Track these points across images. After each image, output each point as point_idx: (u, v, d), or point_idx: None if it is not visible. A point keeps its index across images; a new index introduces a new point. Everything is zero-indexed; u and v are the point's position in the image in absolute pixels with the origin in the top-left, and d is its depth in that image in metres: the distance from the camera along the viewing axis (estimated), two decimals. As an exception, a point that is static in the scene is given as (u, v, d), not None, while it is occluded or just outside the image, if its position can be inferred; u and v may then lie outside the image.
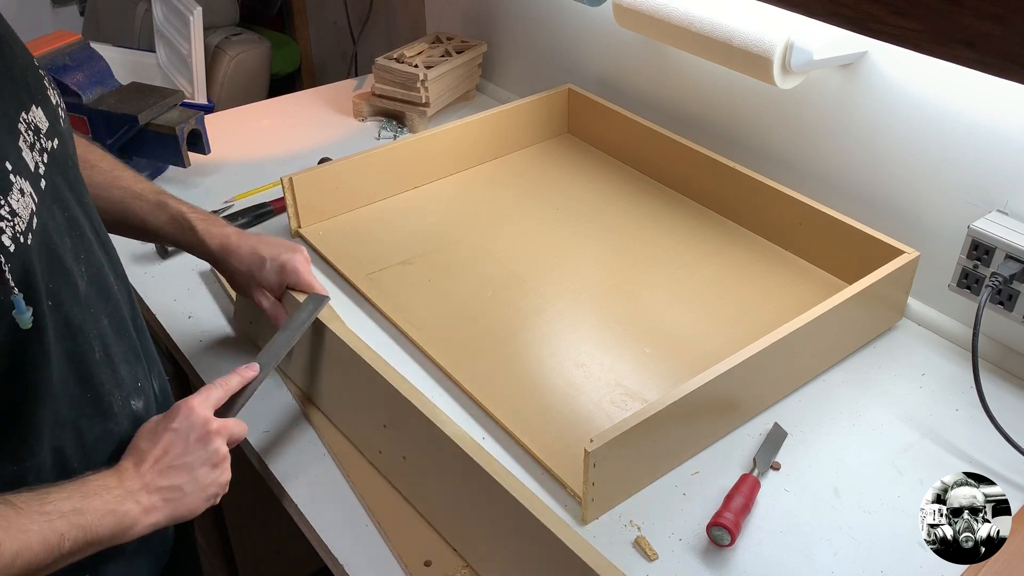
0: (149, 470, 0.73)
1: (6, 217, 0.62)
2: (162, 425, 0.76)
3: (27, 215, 0.64)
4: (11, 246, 0.62)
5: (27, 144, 0.66)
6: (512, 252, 1.25)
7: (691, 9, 1.17)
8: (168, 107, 1.39)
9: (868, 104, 1.13)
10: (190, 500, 0.75)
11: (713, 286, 1.18)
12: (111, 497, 0.69)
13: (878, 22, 0.57)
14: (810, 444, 0.96)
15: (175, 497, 0.74)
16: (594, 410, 0.99)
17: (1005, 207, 1.02)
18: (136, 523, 0.71)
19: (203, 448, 0.76)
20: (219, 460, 0.77)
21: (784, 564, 0.83)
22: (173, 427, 0.76)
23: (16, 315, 0.63)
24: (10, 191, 0.62)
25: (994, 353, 1.07)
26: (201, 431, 0.76)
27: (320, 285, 1.00)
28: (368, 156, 1.34)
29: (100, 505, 0.68)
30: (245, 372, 0.85)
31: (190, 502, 0.75)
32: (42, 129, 0.69)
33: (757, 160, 1.31)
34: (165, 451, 0.74)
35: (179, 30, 1.84)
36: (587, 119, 1.51)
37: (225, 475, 0.78)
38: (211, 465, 0.77)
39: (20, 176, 0.64)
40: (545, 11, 1.59)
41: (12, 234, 0.62)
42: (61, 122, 0.74)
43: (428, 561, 0.82)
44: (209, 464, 0.76)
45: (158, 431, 0.76)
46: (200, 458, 0.76)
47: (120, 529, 0.69)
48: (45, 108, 0.71)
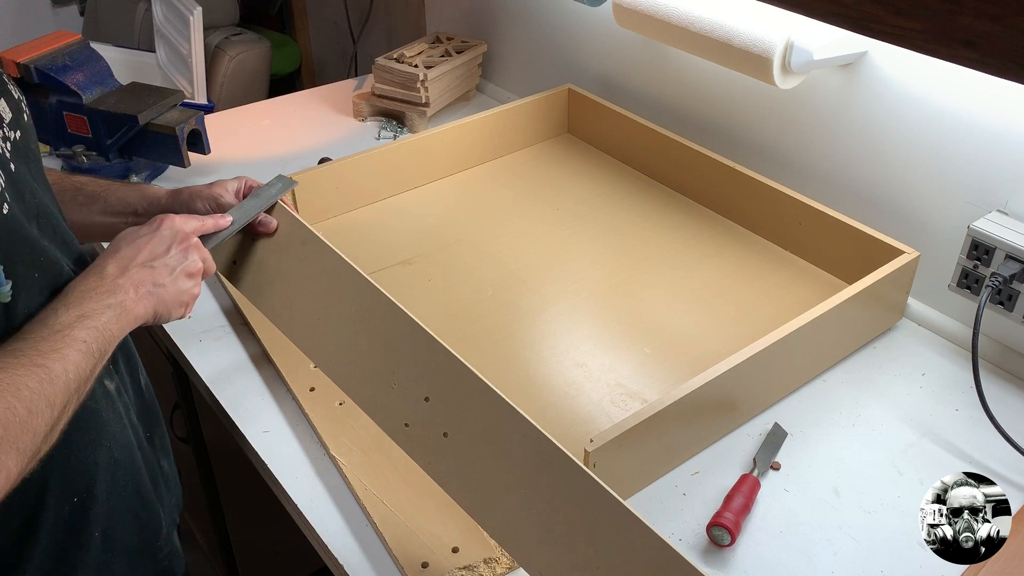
0: (130, 265, 0.75)
1: None
2: (144, 230, 0.79)
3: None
4: None
5: None
6: (512, 252, 1.25)
7: (691, 9, 1.17)
8: (168, 107, 1.39)
9: (868, 104, 1.13)
10: (169, 299, 0.77)
11: (713, 286, 1.18)
12: (100, 295, 0.71)
13: (878, 22, 0.57)
14: (810, 444, 0.96)
15: (157, 292, 0.76)
16: (594, 410, 0.99)
17: (1005, 207, 1.02)
18: (132, 310, 0.73)
19: (183, 256, 0.79)
20: (195, 271, 0.80)
21: (784, 564, 0.83)
22: (157, 232, 0.79)
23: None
24: None
25: (994, 353, 1.07)
26: (183, 241, 0.79)
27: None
28: (368, 156, 1.34)
29: (97, 305, 0.70)
30: (219, 220, 0.87)
31: (169, 300, 0.77)
32: (5, 119, 0.70)
33: (757, 160, 1.31)
34: (149, 253, 0.77)
35: (179, 30, 1.84)
36: (587, 119, 1.51)
37: (197, 288, 0.81)
38: (188, 274, 0.79)
39: None
40: (545, 11, 1.59)
41: None
42: (24, 116, 0.74)
43: (425, 563, 0.82)
44: (186, 272, 0.79)
45: (140, 234, 0.78)
46: (179, 262, 0.78)
47: (124, 320, 0.72)
48: (8, 100, 0.72)
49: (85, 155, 1.38)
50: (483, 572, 0.81)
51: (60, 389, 0.64)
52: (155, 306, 0.76)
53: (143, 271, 0.76)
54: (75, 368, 0.66)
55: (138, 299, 0.74)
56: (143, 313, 0.75)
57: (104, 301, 0.71)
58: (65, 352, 0.66)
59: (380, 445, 0.94)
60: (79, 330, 0.68)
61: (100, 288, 0.72)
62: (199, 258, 0.81)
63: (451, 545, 0.84)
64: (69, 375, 0.65)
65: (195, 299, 0.81)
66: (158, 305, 0.76)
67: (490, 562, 0.82)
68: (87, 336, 0.68)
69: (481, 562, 0.82)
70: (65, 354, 0.66)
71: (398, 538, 0.84)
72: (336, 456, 0.93)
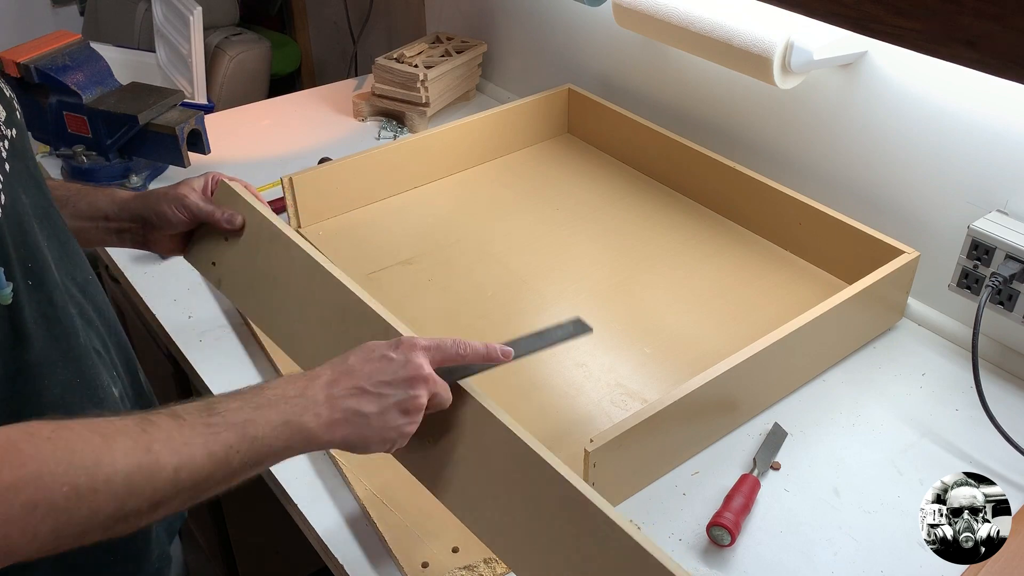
0: (342, 386, 0.68)
1: None
2: (381, 350, 0.71)
3: None
4: None
5: None
6: (512, 252, 1.25)
7: (691, 9, 1.17)
8: (168, 107, 1.39)
9: (868, 104, 1.13)
10: (370, 433, 0.69)
11: (713, 286, 1.18)
12: (288, 407, 0.65)
13: (878, 22, 0.57)
14: (810, 444, 0.96)
15: (358, 422, 0.68)
16: (594, 410, 0.99)
17: (1005, 207, 1.02)
18: (314, 437, 0.66)
19: (406, 389, 0.70)
20: (414, 409, 0.71)
21: (784, 564, 0.83)
22: (391, 356, 0.70)
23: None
24: None
25: (994, 353, 1.07)
26: (414, 372, 0.70)
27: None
28: (368, 156, 1.34)
29: (274, 416, 0.64)
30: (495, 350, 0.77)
31: (370, 435, 0.69)
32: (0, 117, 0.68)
33: (757, 160, 1.31)
34: (370, 375, 0.69)
35: (179, 30, 1.84)
36: (587, 119, 1.51)
37: (412, 426, 0.71)
38: (403, 410, 0.70)
39: None
40: (545, 11, 1.59)
41: None
42: (17, 114, 0.73)
43: (425, 563, 0.82)
44: (402, 408, 0.70)
45: (375, 352, 0.71)
46: (398, 397, 0.69)
47: (296, 442, 0.65)
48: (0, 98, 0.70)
49: (85, 155, 1.38)
50: (483, 572, 0.81)
51: (157, 486, 0.57)
52: (348, 436, 0.68)
53: (353, 397, 0.68)
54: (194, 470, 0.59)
55: (329, 425, 0.67)
56: (329, 441, 0.67)
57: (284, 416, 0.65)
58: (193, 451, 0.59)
59: (380, 445, 0.94)
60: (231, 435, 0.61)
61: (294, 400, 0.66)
62: (427, 393, 0.71)
63: (451, 545, 0.84)
64: (180, 475, 0.58)
65: (406, 438, 0.72)
66: (352, 436, 0.68)
67: (490, 562, 0.82)
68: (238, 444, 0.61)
69: (481, 562, 0.82)
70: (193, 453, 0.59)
71: (398, 538, 0.84)
72: (336, 456, 0.93)
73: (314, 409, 0.66)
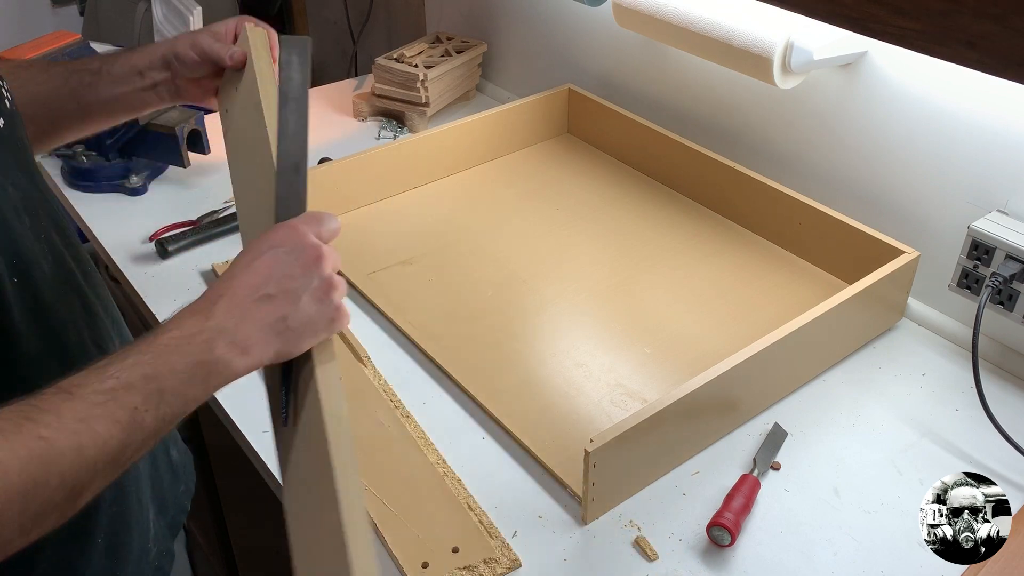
0: (245, 301, 0.62)
1: None
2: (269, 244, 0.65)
3: None
4: None
5: None
6: (512, 252, 1.25)
7: (691, 9, 1.17)
8: (168, 107, 1.39)
9: (868, 104, 1.13)
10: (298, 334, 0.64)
11: (713, 286, 1.18)
12: (193, 347, 0.59)
13: (878, 22, 0.57)
14: (810, 444, 0.96)
15: (280, 328, 0.63)
16: (594, 410, 0.99)
17: (1005, 207, 1.02)
18: (234, 368, 0.61)
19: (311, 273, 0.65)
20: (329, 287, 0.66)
21: (784, 564, 0.83)
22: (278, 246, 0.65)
23: None
24: None
25: (994, 353, 1.07)
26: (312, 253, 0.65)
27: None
28: (368, 156, 1.34)
29: (178, 361, 0.58)
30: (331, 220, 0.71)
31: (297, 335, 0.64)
32: None
33: (757, 160, 1.31)
34: (268, 276, 0.63)
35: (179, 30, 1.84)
36: (587, 119, 1.51)
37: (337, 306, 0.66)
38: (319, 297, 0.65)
39: None
40: (545, 11, 1.59)
41: None
42: (7, 103, 0.70)
43: (425, 563, 0.82)
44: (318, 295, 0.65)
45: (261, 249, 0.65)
46: (308, 285, 0.64)
47: (215, 379, 0.60)
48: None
49: (85, 155, 1.38)
50: (483, 572, 0.81)
51: (60, 472, 0.53)
52: (277, 349, 0.63)
53: (264, 307, 0.62)
54: (103, 444, 0.55)
55: (247, 348, 0.61)
56: (255, 363, 0.62)
57: (193, 358, 0.59)
58: (92, 424, 0.54)
59: (380, 445, 0.94)
60: (134, 396, 0.56)
61: (200, 336, 0.60)
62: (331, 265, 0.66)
63: (451, 545, 0.84)
64: (87, 453, 0.54)
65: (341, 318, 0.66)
66: (280, 346, 0.63)
67: (490, 562, 0.82)
68: (143, 403, 0.56)
69: (481, 562, 0.82)
70: (91, 426, 0.54)
71: (398, 538, 0.84)
72: (336, 456, 0.93)
73: (225, 338, 0.60)
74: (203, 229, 1.29)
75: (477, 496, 0.89)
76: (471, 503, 0.88)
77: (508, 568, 0.82)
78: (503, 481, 0.91)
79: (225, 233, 1.31)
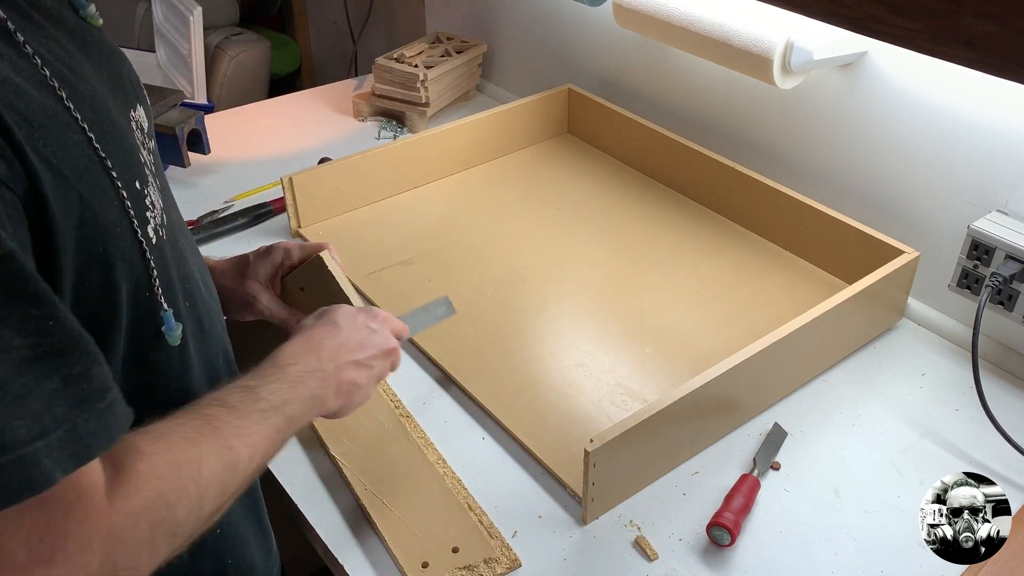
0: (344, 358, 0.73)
1: (149, 208, 0.60)
2: (363, 320, 0.77)
3: (159, 209, 0.62)
4: (154, 238, 0.60)
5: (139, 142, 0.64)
6: (512, 252, 1.25)
7: (691, 9, 1.17)
8: (168, 107, 1.39)
9: (868, 104, 1.13)
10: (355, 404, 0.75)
11: (713, 286, 1.18)
12: (313, 383, 0.69)
13: (878, 22, 0.57)
14: (810, 444, 0.96)
15: (352, 394, 0.74)
16: (594, 410, 0.99)
17: (1005, 207, 1.02)
18: (327, 408, 0.71)
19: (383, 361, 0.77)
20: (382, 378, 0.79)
21: (784, 564, 0.83)
22: (372, 327, 0.77)
23: (166, 332, 0.62)
24: (147, 183, 0.61)
25: (994, 353, 1.07)
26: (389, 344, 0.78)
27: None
28: (368, 156, 1.34)
29: (304, 393, 0.67)
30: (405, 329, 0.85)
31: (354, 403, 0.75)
32: (145, 128, 0.67)
33: (757, 160, 1.31)
34: (361, 346, 0.75)
35: (179, 30, 1.84)
36: (587, 119, 1.51)
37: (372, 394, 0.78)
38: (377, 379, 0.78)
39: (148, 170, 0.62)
40: (545, 11, 1.59)
41: (155, 226, 0.60)
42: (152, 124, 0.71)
43: (425, 563, 0.82)
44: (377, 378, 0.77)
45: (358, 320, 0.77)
46: (378, 369, 0.77)
47: (315, 414, 0.70)
48: (145, 109, 0.68)
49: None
50: (483, 572, 0.81)
51: (238, 478, 0.59)
52: (343, 406, 0.73)
53: (353, 370, 0.73)
54: (260, 459, 0.62)
55: (335, 395, 0.71)
56: (330, 411, 0.72)
57: (312, 390, 0.68)
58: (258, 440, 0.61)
59: (380, 445, 0.94)
60: (279, 416, 0.64)
61: (316, 375, 0.69)
62: (391, 364, 0.79)
63: (451, 545, 0.84)
64: (252, 466, 0.61)
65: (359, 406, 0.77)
66: (344, 406, 0.74)
67: (490, 562, 0.82)
68: (282, 425, 0.64)
69: (481, 562, 0.82)
70: (256, 442, 0.61)
71: (398, 538, 0.84)
72: (336, 456, 0.93)
73: (330, 381, 0.70)
74: (203, 229, 1.29)
75: (477, 496, 0.89)
76: (471, 503, 0.88)
77: (508, 568, 0.82)
78: (503, 481, 0.92)
79: (225, 233, 1.31)
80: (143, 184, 0.60)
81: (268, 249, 0.89)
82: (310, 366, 0.70)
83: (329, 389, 0.70)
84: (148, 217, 0.60)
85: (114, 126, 0.58)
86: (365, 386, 0.75)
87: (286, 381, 0.67)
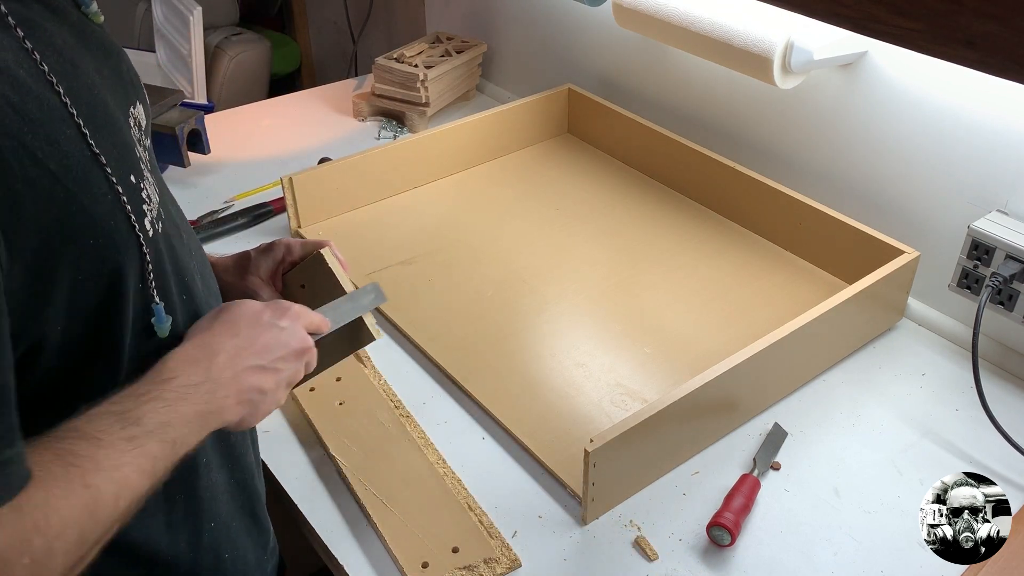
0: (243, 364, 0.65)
1: (146, 200, 0.60)
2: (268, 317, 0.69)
3: (156, 202, 0.62)
4: (151, 231, 0.60)
5: (136, 138, 0.64)
6: (512, 252, 1.25)
7: (691, 9, 1.17)
8: (168, 107, 1.39)
9: (868, 104, 1.13)
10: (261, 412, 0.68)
11: (713, 286, 1.18)
12: (199, 397, 0.61)
13: (878, 22, 0.57)
14: (810, 444, 0.96)
15: (258, 400, 0.66)
16: (594, 410, 0.99)
17: (1005, 207, 1.02)
18: (224, 421, 0.63)
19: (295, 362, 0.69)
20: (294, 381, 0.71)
21: (784, 564, 0.83)
22: (280, 325, 0.69)
23: (155, 324, 0.61)
24: (143, 177, 0.61)
25: (994, 353, 1.07)
26: (301, 344, 0.70)
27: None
28: (368, 156, 1.34)
29: (188, 410, 0.59)
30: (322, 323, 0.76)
31: (261, 413, 0.68)
32: (143, 125, 0.66)
33: (757, 160, 1.31)
34: (267, 349, 0.67)
35: (179, 30, 1.84)
36: (587, 119, 1.51)
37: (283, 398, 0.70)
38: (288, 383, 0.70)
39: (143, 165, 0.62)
40: (545, 11, 1.59)
41: (151, 218, 0.60)
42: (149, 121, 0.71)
43: (425, 563, 0.82)
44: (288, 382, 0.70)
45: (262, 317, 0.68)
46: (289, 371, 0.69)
47: (208, 430, 0.62)
48: (144, 107, 0.68)
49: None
50: (483, 572, 0.81)
51: (102, 522, 0.52)
52: (245, 416, 0.65)
53: (256, 375, 0.65)
54: (131, 496, 0.54)
55: (237, 405, 0.64)
56: (230, 421, 0.64)
57: (198, 405, 0.60)
58: (126, 473, 0.53)
59: (380, 445, 0.94)
60: (154, 443, 0.56)
61: (203, 387, 0.61)
62: (304, 365, 0.71)
63: (451, 545, 0.84)
64: (121, 504, 0.53)
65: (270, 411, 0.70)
66: (249, 416, 0.66)
67: (490, 562, 0.82)
68: (160, 452, 0.56)
69: (481, 562, 0.82)
70: (124, 476, 0.53)
71: (398, 538, 0.84)
72: (336, 456, 0.93)
73: (222, 392, 0.63)
74: (203, 229, 1.30)
75: (477, 496, 0.89)
76: (471, 503, 0.88)
77: (508, 568, 0.82)
78: (503, 481, 0.92)
79: (225, 233, 1.31)
80: (139, 178, 0.60)
81: (269, 246, 0.88)
82: (195, 378, 0.61)
83: (226, 400, 0.63)
84: (145, 210, 0.60)
85: (110, 121, 0.58)
86: (273, 391, 0.67)
87: (164, 400, 0.58)
